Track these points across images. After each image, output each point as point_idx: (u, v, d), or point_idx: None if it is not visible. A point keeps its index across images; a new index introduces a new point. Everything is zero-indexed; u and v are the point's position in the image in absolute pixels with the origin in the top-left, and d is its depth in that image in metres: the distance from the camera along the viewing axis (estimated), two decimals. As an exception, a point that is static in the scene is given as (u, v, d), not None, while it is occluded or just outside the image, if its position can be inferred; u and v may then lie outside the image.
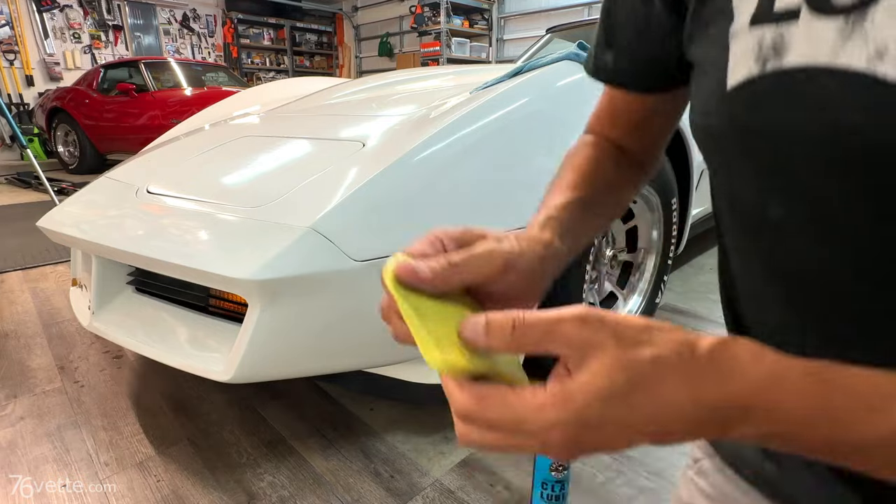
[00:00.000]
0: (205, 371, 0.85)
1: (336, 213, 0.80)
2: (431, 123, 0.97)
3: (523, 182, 0.97)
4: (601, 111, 0.44)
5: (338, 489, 0.95)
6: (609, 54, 0.39)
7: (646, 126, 0.42)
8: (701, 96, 0.29)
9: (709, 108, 0.28)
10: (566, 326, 0.22)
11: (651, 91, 0.39)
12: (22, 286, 1.99)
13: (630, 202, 0.47)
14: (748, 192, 0.28)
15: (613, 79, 0.40)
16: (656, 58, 0.36)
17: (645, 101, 0.40)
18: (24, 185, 4.60)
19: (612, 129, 0.43)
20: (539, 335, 0.22)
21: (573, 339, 0.21)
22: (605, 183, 0.40)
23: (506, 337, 0.22)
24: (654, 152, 0.45)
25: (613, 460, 1.02)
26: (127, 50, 7.29)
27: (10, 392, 1.26)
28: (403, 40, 8.15)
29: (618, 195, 0.43)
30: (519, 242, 0.30)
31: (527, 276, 0.30)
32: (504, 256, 0.28)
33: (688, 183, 1.49)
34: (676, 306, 1.81)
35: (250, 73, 8.60)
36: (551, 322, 0.22)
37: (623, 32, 0.37)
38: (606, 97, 0.43)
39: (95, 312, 1.03)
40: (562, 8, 6.28)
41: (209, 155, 1.21)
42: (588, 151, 0.42)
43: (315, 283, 0.78)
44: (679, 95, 0.38)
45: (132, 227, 0.96)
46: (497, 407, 0.22)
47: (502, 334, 0.22)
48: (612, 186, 0.41)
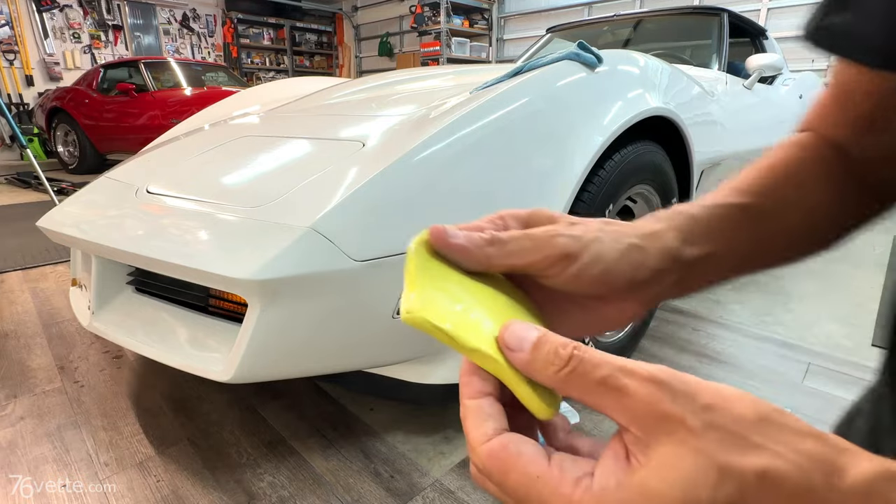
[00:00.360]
0: (205, 371, 0.85)
1: (336, 213, 0.80)
2: (431, 123, 0.97)
3: (523, 182, 0.97)
4: (825, 99, 0.33)
5: (338, 489, 0.95)
6: (844, 15, 0.27)
7: (889, 123, 0.29)
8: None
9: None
10: (636, 385, 0.16)
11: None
12: (22, 286, 1.99)
13: (846, 236, 0.33)
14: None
15: (849, 49, 0.28)
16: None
17: (893, 85, 0.28)
18: (23, 185, 4.59)
19: (838, 125, 0.32)
20: (595, 384, 0.16)
21: (639, 408, 0.15)
22: (801, 197, 0.30)
23: (555, 366, 0.18)
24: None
25: (613, 460, 1.02)
26: (127, 50, 7.28)
27: (10, 392, 1.25)
28: (403, 40, 8.15)
29: (819, 220, 0.31)
30: (601, 229, 0.24)
31: (602, 272, 0.23)
32: (566, 242, 0.23)
33: (688, 182, 1.49)
34: (677, 306, 1.81)
35: (250, 73, 8.60)
36: (617, 370, 0.16)
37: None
38: (834, 79, 0.32)
39: (95, 312, 1.02)
40: (562, 8, 6.29)
41: (209, 155, 1.20)
42: (788, 152, 0.31)
43: (315, 283, 0.78)
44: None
45: (132, 227, 0.96)
46: (519, 479, 0.16)
47: (552, 360, 0.18)
48: (813, 207, 0.30)
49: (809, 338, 1.58)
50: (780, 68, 2.22)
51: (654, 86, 1.27)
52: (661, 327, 1.63)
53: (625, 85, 1.19)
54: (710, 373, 1.35)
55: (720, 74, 2.08)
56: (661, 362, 0.93)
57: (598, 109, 1.09)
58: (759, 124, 2.17)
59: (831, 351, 1.49)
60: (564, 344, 0.18)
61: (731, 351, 1.48)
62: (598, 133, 1.05)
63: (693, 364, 1.39)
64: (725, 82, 2.01)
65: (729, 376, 1.34)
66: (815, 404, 1.22)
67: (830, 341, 1.56)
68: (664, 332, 1.60)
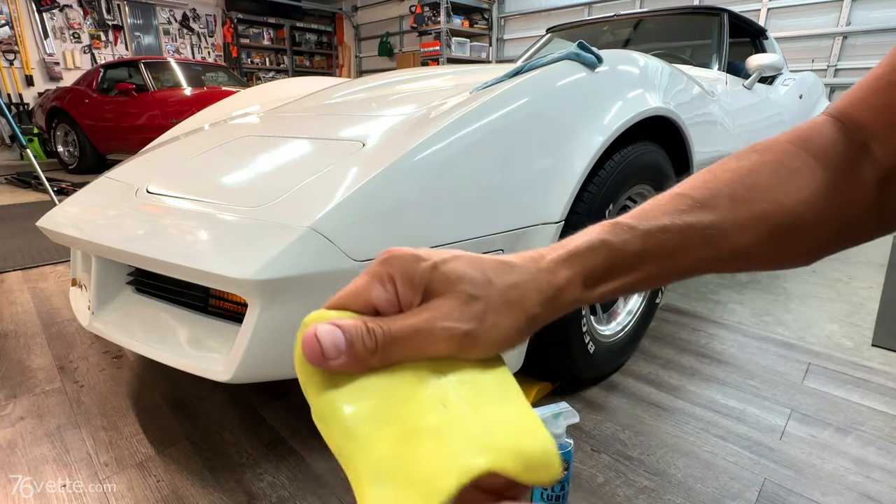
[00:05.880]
0: (205, 371, 0.85)
1: (336, 213, 0.80)
2: (431, 123, 0.97)
3: (523, 182, 0.97)
4: (870, 80, 0.30)
5: (338, 489, 0.95)
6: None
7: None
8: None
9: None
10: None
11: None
12: (22, 286, 1.99)
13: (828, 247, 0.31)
14: None
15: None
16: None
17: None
18: (23, 185, 4.59)
19: (879, 111, 0.29)
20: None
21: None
22: (790, 194, 0.29)
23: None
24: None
25: (614, 460, 1.02)
26: (127, 50, 7.28)
27: (10, 392, 1.25)
28: (403, 40, 8.15)
29: (804, 210, 0.29)
30: (501, 297, 0.24)
31: (498, 338, 0.24)
32: (457, 331, 0.22)
33: (688, 183, 1.48)
34: (677, 306, 1.81)
35: (250, 73, 8.60)
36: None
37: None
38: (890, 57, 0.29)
39: (95, 312, 1.02)
40: (562, 8, 6.29)
41: (209, 155, 1.20)
42: (790, 141, 0.30)
43: (315, 283, 0.78)
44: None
45: (132, 227, 0.96)
46: None
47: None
48: (807, 203, 0.29)
49: (809, 338, 1.58)
50: (780, 68, 2.22)
51: (655, 86, 1.27)
52: (662, 327, 1.63)
53: (625, 85, 1.19)
54: (711, 373, 1.35)
55: (720, 74, 2.08)
56: (661, 362, 0.93)
57: (598, 109, 1.09)
58: (759, 124, 2.17)
59: (831, 351, 1.49)
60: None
61: (732, 351, 1.48)
62: (598, 133, 1.05)
63: (693, 364, 1.39)
64: (725, 82, 2.02)
65: (729, 376, 1.34)
66: (815, 404, 1.22)
67: (830, 341, 1.56)
68: (664, 332, 1.60)
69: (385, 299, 0.23)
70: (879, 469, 1.00)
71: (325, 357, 0.21)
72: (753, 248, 0.29)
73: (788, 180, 0.29)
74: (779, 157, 0.30)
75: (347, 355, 0.21)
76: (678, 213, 0.28)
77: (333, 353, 0.21)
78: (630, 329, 1.36)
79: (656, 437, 1.09)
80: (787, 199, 0.29)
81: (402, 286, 0.23)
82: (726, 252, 0.29)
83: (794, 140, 0.31)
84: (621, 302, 1.41)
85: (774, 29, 4.84)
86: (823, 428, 1.13)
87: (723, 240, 0.28)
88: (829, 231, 0.30)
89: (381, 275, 0.23)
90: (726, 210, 0.28)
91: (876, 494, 0.93)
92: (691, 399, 1.23)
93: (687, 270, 0.29)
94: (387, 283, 0.23)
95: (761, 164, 0.30)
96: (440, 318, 0.22)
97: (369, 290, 0.23)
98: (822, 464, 1.01)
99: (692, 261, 0.29)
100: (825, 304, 1.85)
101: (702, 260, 0.29)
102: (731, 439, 1.09)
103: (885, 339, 1.56)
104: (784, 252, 0.30)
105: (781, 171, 0.30)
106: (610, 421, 1.15)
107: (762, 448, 1.06)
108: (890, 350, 1.50)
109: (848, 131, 0.31)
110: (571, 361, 1.16)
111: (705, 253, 0.28)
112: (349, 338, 0.21)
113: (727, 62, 2.23)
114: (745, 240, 0.29)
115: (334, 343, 0.21)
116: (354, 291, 0.23)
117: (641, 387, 1.28)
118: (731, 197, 0.29)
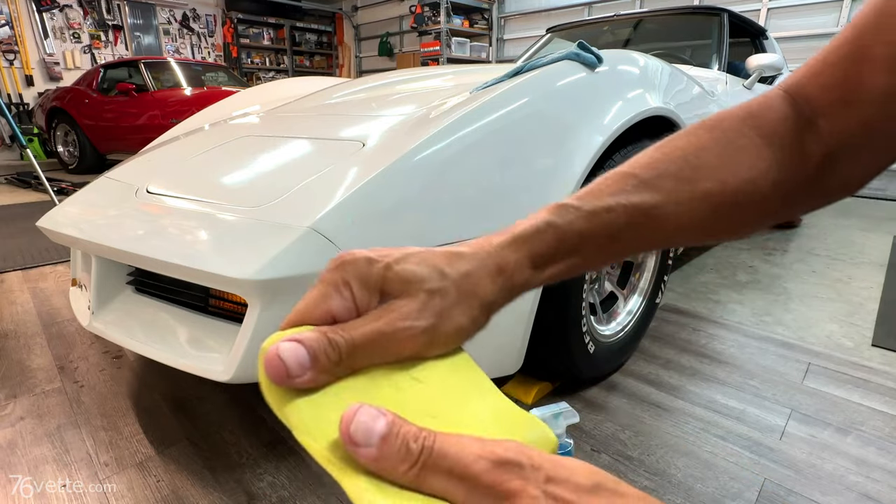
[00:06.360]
0: (205, 371, 0.85)
1: (336, 213, 0.80)
2: (431, 123, 0.97)
3: (523, 182, 0.97)
4: (824, 54, 0.30)
5: (337, 489, 0.95)
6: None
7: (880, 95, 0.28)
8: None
9: None
10: (480, 469, 0.17)
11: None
12: (22, 286, 1.99)
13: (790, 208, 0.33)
14: None
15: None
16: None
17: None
18: (23, 185, 4.59)
19: (827, 86, 0.30)
20: (443, 474, 0.18)
21: (484, 491, 0.17)
22: (729, 170, 0.29)
23: (407, 463, 0.18)
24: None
25: (614, 460, 1.02)
26: (127, 50, 7.28)
27: (10, 392, 1.25)
28: (403, 40, 8.15)
29: (742, 188, 0.30)
30: (456, 289, 0.24)
31: (456, 331, 0.24)
32: (417, 330, 0.23)
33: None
34: (677, 306, 1.81)
35: (250, 73, 8.60)
36: (464, 458, 0.17)
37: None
38: (852, 34, 0.29)
39: (95, 312, 1.02)
40: (562, 8, 6.29)
41: (209, 155, 1.20)
42: (747, 112, 0.31)
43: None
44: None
45: (132, 227, 0.96)
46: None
47: (404, 456, 0.18)
48: (747, 181, 0.30)
49: (809, 338, 1.58)
50: (780, 68, 2.22)
51: (655, 86, 1.27)
52: (662, 327, 1.63)
53: (625, 85, 1.19)
54: (711, 373, 1.35)
55: (720, 74, 2.08)
56: (661, 362, 0.93)
57: (598, 109, 1.09)
58: (759, 124, 2.17)
59: (831, 351, 1.49)
60: (416, 435, 0.17)
61: (732, 351, 1.48)
62: (598, 133, 1.05)
63: (693, 364, 1.39)
64: (725, 82, 2.02)
65: (729, 376, 1.34)
66: (815, 404, 1.22)
67: (830, 341, 1.56)
68: (664, 332, 1.60)
69: (343, 306, 0.23)
70: (879, 469, 1.00)
71: (291, 376, 0.20)
72: (697, 224, 0.30)
73: (734, 159, 0.30)
74: (727, 134, 0.31)
75: (313, 370, 0.20)
76: (623, 193, 0.29)
77: (298, 371, 0.20)
78: (630, 329, 1.37)
79: (656, 437, 1.09)
80: (733, 178, 0.30)
81: (359, 290, 0.23)
82: (671, 229, 0.30)
83: (745, 117, 0.32)
84: (621, 302, 1.41)
85: (774, 29, 4.84)
86: (823, 428, 1.13)
87: (666, 219, 0.29)
88: (771, 207, 0.32)
89: (337, 281, 0.23)
90: (671, 190, 0.29)
91: (876, 494, 0.93)
92: (691, 399, 1.23)
93: (633, 248, 0.30)
94: (343, 290, 0.23)
95: (710, 141, 0.31)
96: (399, 319, 0.22)
97: (326, 300, 0.23)
98: (822, 464, 1.01)
99: (637, 239, 0.30)
100: (825, 304, 1.85)
101: (646, 237, 0.30)
102: (731, 439, 1.09)
103: (885, 339, 1.56)
104: (725, 227, 0.32)
105: (728, 150, 0.31)
106: (610, 421, 1.15)
107: (762, 448, 1.06)
108: (890, 350, 1.50)
109: (798, 106, 0.32)
110: (571, 361, 1.16)
111: (650, 231, 0.29)
112: (312, 352, 0.21)
113: (727, 62, 2.23)
114: (689, 218, 0.30)
115: (298, 361, 0.20)
116: (312, 303, 0.23)
117: (641, 387, 1.28)
118: (676, 177, 0.29)
